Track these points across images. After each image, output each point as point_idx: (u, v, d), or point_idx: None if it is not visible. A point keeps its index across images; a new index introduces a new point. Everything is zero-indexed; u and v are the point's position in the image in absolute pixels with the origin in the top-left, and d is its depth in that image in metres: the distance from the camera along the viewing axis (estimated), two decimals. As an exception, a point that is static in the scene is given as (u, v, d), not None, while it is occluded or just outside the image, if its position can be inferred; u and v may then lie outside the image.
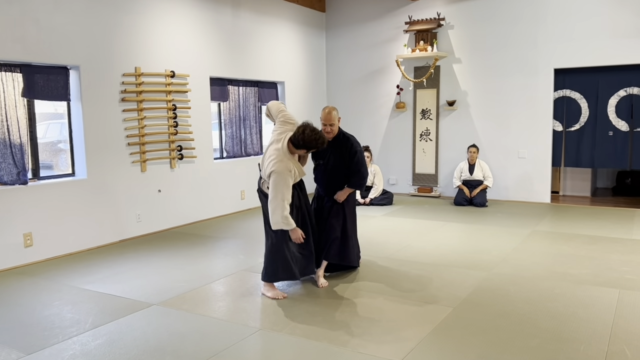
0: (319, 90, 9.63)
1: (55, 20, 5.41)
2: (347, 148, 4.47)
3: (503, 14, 8.10)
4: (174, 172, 6.80)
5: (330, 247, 4.54)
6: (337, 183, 4.57)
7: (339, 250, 4.58)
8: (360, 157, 4.49)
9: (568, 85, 7.94)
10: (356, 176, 4.50)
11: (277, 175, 3.96)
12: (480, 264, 4.99)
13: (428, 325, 3.61)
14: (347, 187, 4.56)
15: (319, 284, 4.46)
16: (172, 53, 6.70)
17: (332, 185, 4.59)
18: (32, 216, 5.30)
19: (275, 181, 3.96)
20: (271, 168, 3.99)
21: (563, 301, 4.00)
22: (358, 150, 4.48)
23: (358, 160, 4.46)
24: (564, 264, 4.94)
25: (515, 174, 8.27)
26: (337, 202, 4.58)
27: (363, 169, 4.50)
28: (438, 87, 8.71)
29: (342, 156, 4.49)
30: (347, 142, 4.49)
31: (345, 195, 4.56)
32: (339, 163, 4.51)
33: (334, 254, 4.56)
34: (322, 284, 4.46)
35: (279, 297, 4.21)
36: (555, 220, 6.89)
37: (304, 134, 3.98)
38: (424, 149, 8.95)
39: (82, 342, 3.44)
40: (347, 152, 4.47)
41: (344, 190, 4.56)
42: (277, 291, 4.26)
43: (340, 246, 4.58)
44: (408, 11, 8.81)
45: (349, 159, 4.47)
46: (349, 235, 4.65)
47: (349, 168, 4.49)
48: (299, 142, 4.00)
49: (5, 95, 5.12)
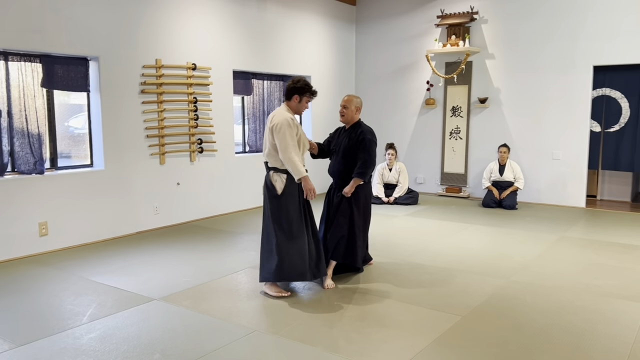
0: (347, 84, 9.44)
1: (75, 11, 5.43)
2: (356, 135, 4.40)
3: (540, 8, 7.71)
4: (193, 165, 6.77)
5: (336, 245, 4.39)
6: (345, 173, 4.45)
7: (344, 250, 4.42)
8: (368, 144, 4.36)
9: (608, 84, 7.50)
10: (361, 165, 4.34)
11: (279, 126, 3.98)
12: (498, 271, 4.73)
13: (431, 334, 3.40)
14: (353, 178, 4.39)
15: (325, 285, 4.31)
16: (194, 45, 6.65)
17: (341, 174, 4.47)
18: (48, 205, 5.34)
19: (280, 133, 3.97)
20: (274, 124, 4.02)
21: (583, 315, 3.71)
22: (366, 138, 4.37)
23: (364, 147, 4.35)
24: (589, 274, 4.62)
25: (549, 176, 7.88)
26: (345, 197, 4.42)
27: (367, 156, 4.35)
28: (470, 83, 8.39)
29: (350, 145, 4.41)
30: (358, 128, 4.44)
31: (352, 188, 4.38)
32: (348, 151, 4.42)
33: (338, 253, 4.41)
34: (328, 285, 4.30)
35: (283, 295, 4.08)
36: (588, 226, 6.51)
37: (292, 82, 4.13)
38: (453, 148, 8.65)
39: (75, 336, 3.40)
40: (355, 138, 4.39)
41: (351, 183, 4.39)
42: (279, 288, 4.13)
43: (346, 245, 4.42)
44: (440, 4, 8.51)
45: (356, 145, 4.38)
46: (356, 234, 4.45)
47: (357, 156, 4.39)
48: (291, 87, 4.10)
49: (24, 85, 5.17)
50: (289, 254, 4.04)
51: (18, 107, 5.15)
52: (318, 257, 4.20)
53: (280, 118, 4.02)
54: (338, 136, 4.57)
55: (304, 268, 4.08)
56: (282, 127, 3.98)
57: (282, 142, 3.97)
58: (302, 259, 4.07)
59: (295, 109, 4.18)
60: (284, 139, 3.97)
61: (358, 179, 4.36)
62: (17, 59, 5.11)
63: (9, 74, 5.07)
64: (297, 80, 4.16)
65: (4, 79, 5.04)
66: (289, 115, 4.07)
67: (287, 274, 4.07)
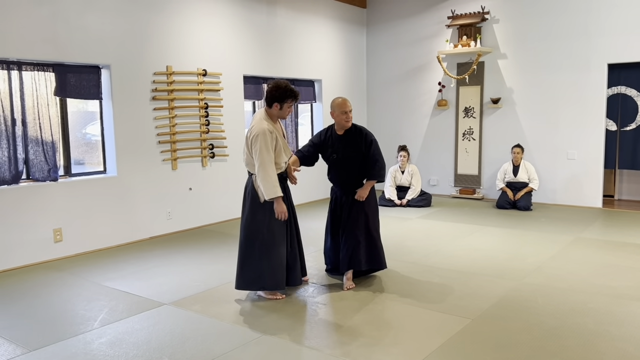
0: (359, 88, 9.43)
1: (86, 20, 5.51)
2: (362, 138, 4.32)
3: (552, 5, 7.62)
4: (205, 170, 6.82)
5: (353, 253, 4.32)
6: (353, 177, 4.40)
7: (367, 255, 4.38)
8: (377, 145, 4.35)
9: (624, 82, 7.38)
10: (375, 166, 4.30)
11: (256, 138, 3.83)
12: (511, 273, 4.68)
13: (440, 337, 3.38)
14: (367, 180, 4.37)
15: (346, 287, 4.30)
16: (204, 51, 6.71)
17: (349, 181, 4.41)
18: (62, 212, 5.42)
19: (256, 147, 3.83)
20: (251, 134, 3.87)
21: (595, 317, 3.65)
22: (373, 140, 4.35)
23: (375, 149, 4.31)
24: (604, 275, 4.55)
25: (564, 176, 7.78)
26: (356, 201, 4.38)
27: (381, 158, 4.34)
28: (482, 84, 8.32)
29: (357, 148, 4.32)
30: (360, 133, 4.35)
31: (367, 191, 4.35)
32: (353, 155, 4.33)
33: (359, 260, 4.33)
34: (348, 287, 4.31)
35: (278, 297, 4.09)
36: (605, 227, 6.41)
37: (270, 87, 3.92)
38: (466, 149, 8.59)
39: (86, 341, 3.44)
40: (362, 142, 4.31)
41: (365, 186, 4.36)
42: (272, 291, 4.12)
43: (367, 250, 4.38)
44: (451, 5, 8.47)
45: (366, 150, 4.31)
46: (374, 236, 4.44)
47: (366, 159, 4.32)
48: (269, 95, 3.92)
49: (38, 94, 5.26)
50: (269, 264, 3.97)
51: (32, 115, 5.24)
52: (294, 266, 4.17)
53: (258, 129, 3.85)
54: (333, 142, 4.37)
55: (281, 278, 4.04)
56: (257, 141, 3.81)
57: (259, 158, 3.81)
58: (281, 269, 4.03)
59: (277, 116, 4.01)
60: (260, 153, 3.80)
61: (374, 180, 4.34)
62: (31, 69, 5.20)
63: (23, 84, 5.16)
64: (276, 85, 3.93)
65: (18, 89, 5.14)
66: (267, 126, 3.87)
67: (265, 283, 4.02)
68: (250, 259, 4.02)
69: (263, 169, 3.83)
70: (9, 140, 5.09)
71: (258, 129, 3.86)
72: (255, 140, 3.85)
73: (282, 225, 4.04)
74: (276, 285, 4.05)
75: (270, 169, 3.84)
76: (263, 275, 3.99)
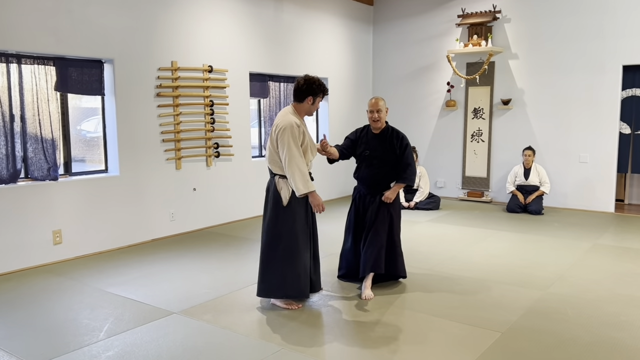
0: (365, 86, 9.22)
1: (90, 12, 5.26)
2: (398, 140, 4.25)
3: (565, 5, 7.45)
4: (210, 170, 6.58)
5: (378, 255, 4.15)
6: (382, 179, 4.28)
7: (388, 260, 4.25)
8: (411, 151, 4.27)
9: (638, 84, 7.22)
10: (407, 170, 4.21)
11: (283, 131, 3.62)
12: (533, 282, 4.48)
13: (471, 353, 3.17)
14: (395, 183, 4.26)
15: (364, 296, 4.09)
16: (210, 47, 6.47)
17: (378, 180, 4.28)
18: (62, 213, 5.18)
19: (284, 142, 3.62)
20: (278, 128, 3.66)
21: (631, 332, 3.46)
22: (408, 144, 4.28)
23: (409, 154, 4.24)
24: (630, 285, 4.37)
25: (575, 180, 7.61)
26: (383, 203, 4.23)
27: (413, 163, 4.28)
28: (492, 84, 8.14)
29: (391, 150, 4.24)
30: (397, 135, 4.29)
31: (395, 193, 4.25)
32: (386, 156, 4.24)
33: (379, 264, 4.16)
34: (367, 296, 4.10)
35: (293, 307, 3.87)
36: (620, 233, 6.24)
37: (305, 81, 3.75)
38: (475, 151, 8.40)
39: (92, 354, 3.21)
40: (398, 144, 4.24)
41: (393, 188, 4.26)
42: (290, 300, 3.90)
43: (389, 255, 4.25)
44: (461, 4, 8.27)
45: (400, 152, 4.22)
46: (395, 241, 4.32)
47: (399, 162, 4.23)
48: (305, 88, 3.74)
49: (37, 89, 5.01)
50: (292, 270, 3.76)
51: (31, 111, 4.99)
52: (316, 274, 4.03)
53: (285, 123, 3.65)
54: (367, 140, 4.33)
55: (305, 286, 3.84)
56: (285, 134, 3.61)
57: (287, 153, 3.61)
58: (305, 276, 3.83)
59: (306, 111, 3.85)
60: (288, 149, 3.61)
61: (403, 184, 4.25)
62: (31, 62, 4.95)
63: (22, 78, 4.91)
64: (311, 79, 3.77)
65: (17, 83, 4.88)
66: (295, 120, 3.69)
67: (288, 291, 3.82)
68: (272, 264, 3.80)
69: (294, 162, 3.61)
70: (6, 137, 4.84)
71: (285, 123, 3.66)
72: (282, 133, 3.63)
73: (306, 230, 3.84)
74: (300, 294, 3.84)
75: (301, 162, 3.64)
76: (286, 282, 3.77)
